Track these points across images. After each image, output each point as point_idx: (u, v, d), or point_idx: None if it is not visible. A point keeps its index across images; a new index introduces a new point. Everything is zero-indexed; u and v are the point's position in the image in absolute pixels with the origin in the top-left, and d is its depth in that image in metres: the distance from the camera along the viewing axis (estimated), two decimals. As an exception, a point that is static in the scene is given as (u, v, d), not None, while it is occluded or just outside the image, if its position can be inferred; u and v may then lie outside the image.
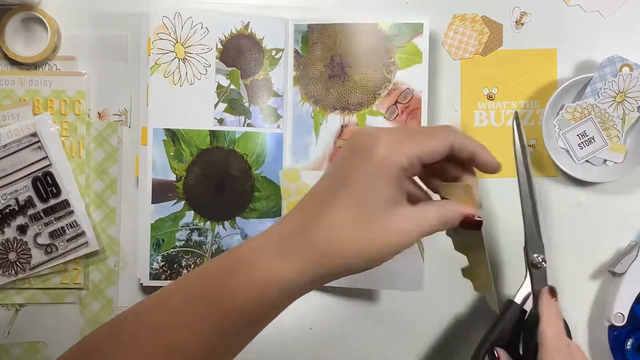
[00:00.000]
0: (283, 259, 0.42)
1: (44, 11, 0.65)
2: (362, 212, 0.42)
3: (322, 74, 0.65)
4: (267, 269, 0.42)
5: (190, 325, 0.42)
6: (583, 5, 0.66)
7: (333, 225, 0.42)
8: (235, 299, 0.42)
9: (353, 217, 0.42)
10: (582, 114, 0.64)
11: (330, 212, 0.42)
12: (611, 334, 0.63)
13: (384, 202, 0.42)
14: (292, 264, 0.42)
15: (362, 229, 0.42)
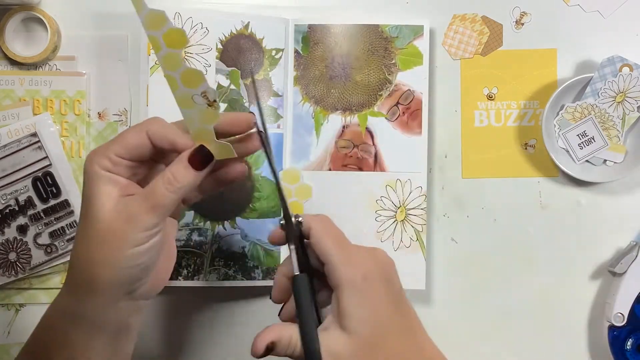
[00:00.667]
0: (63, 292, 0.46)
1: (44, 11, 0.65)
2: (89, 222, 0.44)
3: (323, 75, 0.65)
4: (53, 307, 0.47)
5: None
6: (583, 5, 0.67)
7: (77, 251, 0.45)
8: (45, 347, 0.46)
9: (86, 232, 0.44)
10: (582, 114, 0.64)
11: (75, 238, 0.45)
12: (611, 334, 0.63)
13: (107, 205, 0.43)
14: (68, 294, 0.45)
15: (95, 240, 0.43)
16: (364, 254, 0.46)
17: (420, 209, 0.65)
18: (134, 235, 0.43)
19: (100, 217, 0.43)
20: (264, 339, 0.45)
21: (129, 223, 0.43)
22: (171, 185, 0.44)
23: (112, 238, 0.43)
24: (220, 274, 0.64)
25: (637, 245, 0.63)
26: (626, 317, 0.62)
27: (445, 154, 0.67)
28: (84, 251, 0.44)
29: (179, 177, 0.44)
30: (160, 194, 0.43)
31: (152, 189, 0.44)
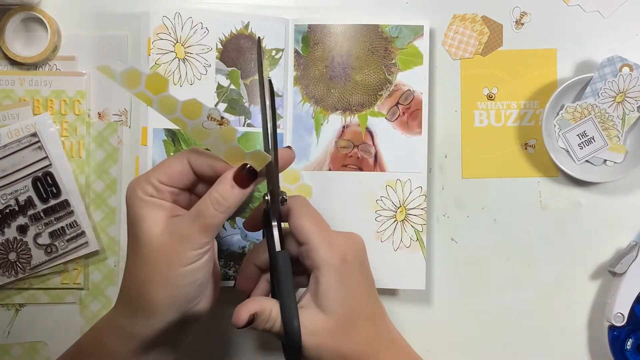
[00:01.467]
0: (117, 310, 0.48)
1: (44, 11, 0.65)
2: (139, 245, 0.45)
3: (323, 75, 0.65)
4: (107, 324, 0.48)
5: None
6: (583, 5, 0.67)
7: (130, 273, 0.47)
8: None
9: (136, 255, 0.45)
10: (582, 114, 0.64)
11: (127, 260, 0.47)
12: (611, 334, 0.63)
13: (156, 229, 0.45)
14: (120, 313, 0.47)
15: (146, 262, 0.45)
16: (342, 237, 0.48)
17: (420, 209, 0.65)
18: (186, 254, 0.44)
19: (150, 239, 0.44)
20: (248, 309, 0.45)
21: (182, 243, 0.44)
22: (220, 205, 0.44)
23: (165, 258, 0.44)
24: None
25: (637, 245, 0.63)
26: (626, 317, 0.62)
27: (445, 154, 0.67)
28: (137, 273, 0.45)
29: (226, 196, 0.45)
30: (210, 215, 0.44)
31: (201, 210, 0.44)
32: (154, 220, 0.45)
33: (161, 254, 0.44)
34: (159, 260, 0.44)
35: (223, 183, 0.45)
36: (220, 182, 0.45)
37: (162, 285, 0.44)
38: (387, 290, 0.66)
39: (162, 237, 0.44)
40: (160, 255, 0.44)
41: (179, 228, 0.44)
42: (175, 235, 0.44)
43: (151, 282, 0.44)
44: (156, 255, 0.44)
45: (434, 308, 0.67)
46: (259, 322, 0.46)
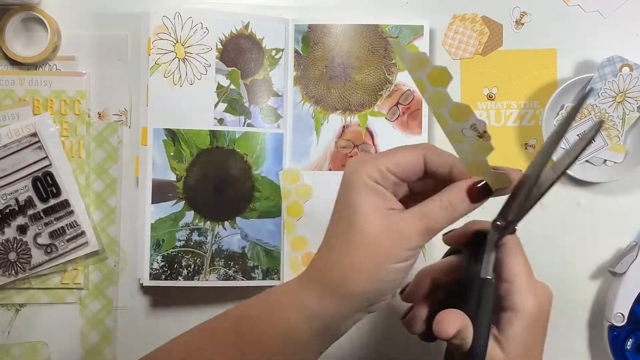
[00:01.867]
0: (303, 289, 0.45)
1: (44, 11, 0.65)
2: (355, 232, 0.43)
3: (323, 74, 0.65)
4: (288, 299, 0.45)
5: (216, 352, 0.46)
6: (583, 5, 0.67)
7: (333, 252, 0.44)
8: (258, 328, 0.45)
9: (346, 239, 0.44)
10: (582, 114, 0.64)
11: (330, 242, 0.45)
12: (611, 334, 0.63)
13: (375, 217, 0.43)
14: (310, 292, 0.44)
15: (357, 248, 0.43)
16: (541, 286, 0.47)
17: (420, 209, 0.65)
18: (401, 252, 0.43)
19: (367, 228, 0.43)
20: (454, 323, 0.44)
21: (400, 240, 0.43)
22: (448, 212, 0.43)
23: (378, 250, 0.43)
24: (220, 274, 0.64)
25: (637, 245, 0.63)
26: (626, 317, 0.62)
27: (445, 154, 0.67)
28: (344, 258, 0.43)
29: (457, 205, 0.44)
30: (436, 219, 0.43)
31: (429, 211, 0.43)
32: (375, 209, 0.43)
33: (376, 246, 0.43)
34: (373, 251, 0.43)
35: (456, 191, 0.44)
36: (453, 189, 0.44)
37: (369, 275, 0.43)
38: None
39: (380, 228, 0.43)
40: (375, 246, 0.43)
41: (400, 224, 0.43)
42: (395, 230, 0.43)
43: (360, 270, 0.43)
44: (371, 246, 0.43)
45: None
46: (457, 337, 0.45)
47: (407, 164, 0.44)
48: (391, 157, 0.44)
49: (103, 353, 0.66)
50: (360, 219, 0.43)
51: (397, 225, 0.43)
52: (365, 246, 0.43)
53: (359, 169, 0.44)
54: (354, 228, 0.43)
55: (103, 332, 0.66)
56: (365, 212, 0.43)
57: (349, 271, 0.43)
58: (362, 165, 0.44)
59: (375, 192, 0.44)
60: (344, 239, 0.44)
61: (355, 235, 0.43)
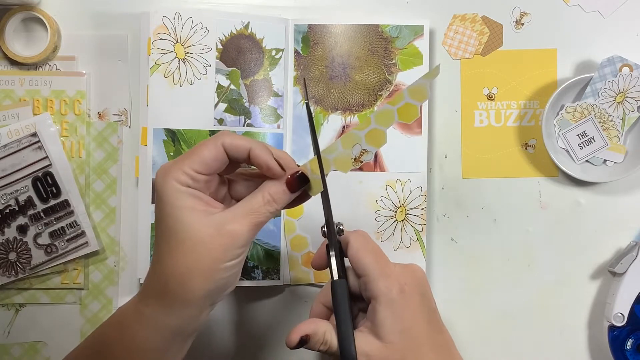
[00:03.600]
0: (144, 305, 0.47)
1: (44, 11, 0.65)
2: (181, 241, 0.44)
3: (323, 74, 0.65)
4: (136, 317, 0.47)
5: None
6: (583, 5, 0.67)
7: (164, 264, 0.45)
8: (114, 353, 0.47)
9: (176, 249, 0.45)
10: (582, 114, 0.64)
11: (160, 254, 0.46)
12: (611, 334, 0.63)
13: (193, 221, 0.44)
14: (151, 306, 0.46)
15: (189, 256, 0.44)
16: (400, 268, 0.48)
17: (420, 209, 0.65)
18: (232, 251, 0.45)
19: (192, 233, 0.44)
20: (299, 331, 0.46)
21: (230, 239, 0.44)
22: (271, 205, 0.46)
23: (210, 253, 0.44)
24: (220, 274, 0.64)
25: (637, 245, 0.63)
26: (626, 317, 0.62)
27: (445, 154, 0.67)
28: (176, 265, 0.45)
29: (278, 198, 0.46)
30: (262, 213, 0.46)
31: (253, 207, 0.46)
32: (194, 213, 0.45)
33: (207, 250, 0.44)
34: (203, 253, 0.44)
35: (277, 185, 0.47)
36: (274, 183, 0.47)
37: (206, 277, 0.44)
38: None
39: (207, 231, 0.44)
40: (206, 250, 0.44)
41: (227, 225, 0.45)
42: (223, 231, 0.44)
43: (194, 274, 0.44)
44: (200, 249, 0.44)
45: (434, 308, 0.67)
46: (312, 343, 0.46)
47: (210, 158, 0.46)
48: (194, 157, 0.45)
49: (103, 353, 0.66)
50: (184, 227, 0.44)
51: (224, 227, 0.44)
52: (196, 252, 0.44)
53: (167, 176, 0.45)
54: (180, 236, 0.44)
55: (103, 332, 0.66)
56: (187, 219, 0.44)
57: (185, 278, 0.44)
58: (168, 173, 0.45)
59: (190, 196, 0.45)
60: (173, 249, 0.45)
61: (182, 243, 0.44)
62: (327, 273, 0.49)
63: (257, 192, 0.47)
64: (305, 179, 0.47)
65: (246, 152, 0.46)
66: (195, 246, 0.44)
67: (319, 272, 0.65)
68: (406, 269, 0.48)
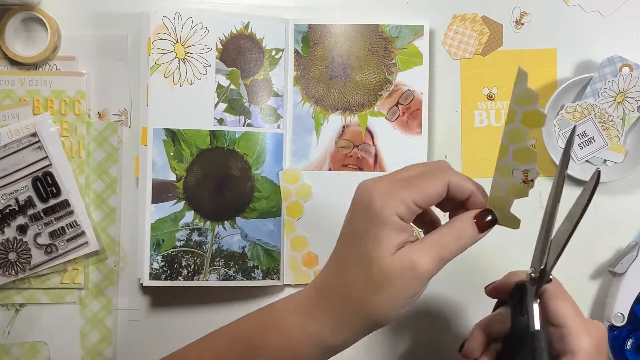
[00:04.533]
0: (314, 318, 0.44)
1: (44, 11, 0.65)
2: (373, 267, 0.43)
3: (323, 74, 0.65)
4: (299, 328, 0.45)
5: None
6: (583, 5, 0.67)
7: (348, 286, 0.44)
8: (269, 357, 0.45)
9: (365, 274, 0.43)
10: (582, 114, 0.64)
11: (344, 272, 0.44)
12: (611, 334, 0.63)
13: (391, 251, 0.43)
14: (322, 322, 0.44)
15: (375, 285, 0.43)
16: (595, 325, 0.47)
17: (420, 209, 0.65)
18: (414, 286, 0.43)
19: (385, 262, 0.43)
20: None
21: (413, 272, 0.42)
22: (458, 241, 0.44)
23: (393, 286, 0.43)
24: (220, 274, 0.64)
25: (637, 245, 0.63)
26: (626, 317, 0.62)
27: (445, 154, 0.67)
28: (361, 291, 0.43)
29: (465, 234, 0.44)
30: (449, 248, 0.44)
31: (441, 242, 0.44)
32: (394, 244, 0.43)
33: (388, 280, 0.43)
34: (385, 285, 0.43)
35: (465, 221, 0.45)
36: (463, 219, 0.45)
37: (386, 310, 0.43)
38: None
39: (394, 262, 0.43)
40: (387, 281, 0.43)
41: (414, 256, 0.43)
42: (407, 262, 0.42)
43: (378, 305, 0.43)
44: (383, 280, 0.43)
45: (434, 308, 0.66)
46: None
47: (433, 195, 0.44)
48: (418, 190, 0.43)
49: (103, 353, 0.66)
50: (382, 256, 0.43)
51: (412, 258, 0.43)
52: (380, 280, 0.43)
53: (386, 202, 0.43)
54: (374, 264, 0.43)
55: (103, 332, 0.66)
56: (388, 249, 0.43)
57: (365, 305, 0.43)
58: (388, 198, 0.43)
59: (402, 229, 0.43)
60: (361, 271, 0.43)
61: (373, 270, 0.43)
62: None
63: (445, 227, 0.45)
64: (495, 221, 0.46)
65: (467, 195, 0.45)
66: (380, 276, 0.42)
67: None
68: (599, 327, 0.47)
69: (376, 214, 0.43)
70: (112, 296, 0.66)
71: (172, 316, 0.66)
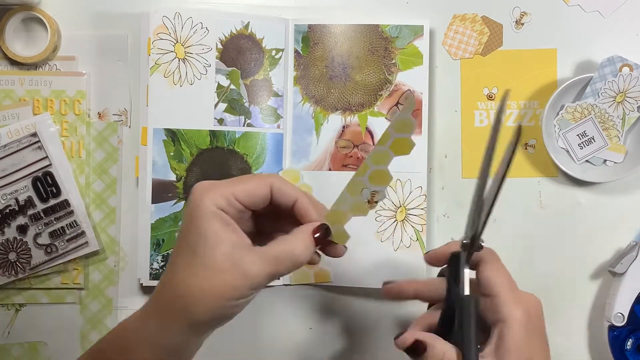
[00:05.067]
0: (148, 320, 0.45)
1: (44, 11, 0.65)
2: (198, 261, 0.43)
3: (323, 74, 0.65)
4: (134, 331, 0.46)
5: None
6: (583, 5, 0.67)
7: (174, 278, 0.44)
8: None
9: (190, 267, 0.44)
10: (582, 114, 0.64)
11: (173, 267, 0.45)
12: (611, 334, 0.63)
13: (216, 249, 0.43)
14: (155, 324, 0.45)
15: (200, 278, 0.43)
16: (526, 295, 0.47)
17: (420, 209, 0.65)
18: (244, 291, 0.44)
19: (214, 261, 0.43)
20: (416, 335, 0.46)
21: (245, 279, 0.43)
22: (293, 255, 0.45)
23: (223, 286, 0.43)
24: (220, 274, 0.64)
25: (637, 245, 0.63)
26: (626, 317, 0.62)
27: (445, 154, 0.67)
28: (188, 288, 0.44)
29: (300, 248, 0.45)
30: (282, 263, 0.44)
31: (275, 255, 0.44)
32: (221, 240, 0.43)
33: (219, 280, 0.43)
34: (215, 284, 0.43)
35: (302, 235, 0.46)
36: (299, 233, 0.46)
37: (213, 308, 0.43)
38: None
39: (225, 263, 0.43)
40: (218, 280, 0.43)
41: (248, 265, 0.43)
42: (241, 269, 0.43)
43: (200, 301, 0.43)
44: (214, 279, 0.43)
45: (434, 308, 0.67)
46: (428, 358, 0.45)
47: (254, 192, 0.45)
48: (239, 185, 0.45)
49: (103, 353, 0.66)
50: (207, 249, 0.44)
51: (244, 266, 0.43)
52: (210, 278, 0.43)
53: (205, 195, 0.44)
54: (199, 259, 0.44)
55: (103, 332, 0.66)
56: (213, 243, 0.44)
57: (191, 300, 0.44)
58: (208, 192, 0.44)
59: (221, 220, 0.44)
60: (188, 269, 0.44)
61: (199, 266, 0.43)
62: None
63: (282, 241, 0.45)
64: (329, 233, 0.47)
65: (292, 200, 0.46)
66: (211, 274, 0.43)
67: (320, 272, 0.65)
68: (531, 297, 0.48)
69: (197, 206, 0.44)
70: (112, 296, 0.66)
71: (172, 316, 0.66)
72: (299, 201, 0.46)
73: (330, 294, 0.66)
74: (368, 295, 0.66)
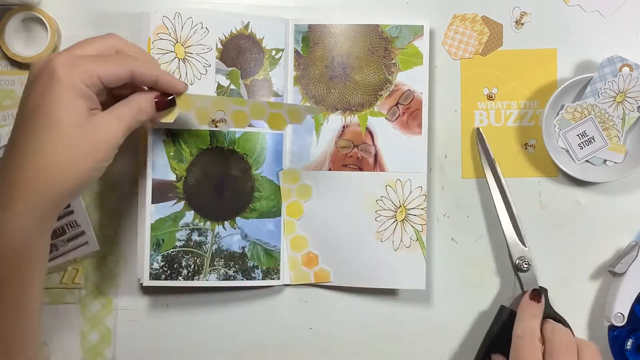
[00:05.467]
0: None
1: (44, 11, 0.65)
2: (62, 130, 0.45)
3: (323, 74, 0.65)
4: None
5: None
6: (583, 5, 0.67)
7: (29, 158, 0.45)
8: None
9: (49, 141, 0.45)
10: (582, 114, 0.64)
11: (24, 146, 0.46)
12: (611, 334, 0.63)
13: (80, 117, 0.46)
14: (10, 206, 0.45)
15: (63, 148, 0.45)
16: None
17: (420, 209, 0.65)
18: (103, 153, 0.47)
19: (70, 129, 0.46)
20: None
21: (104, 141, 0.47)
22: (141, 114, 0.51)
23: (80, 152, 0.46)
24: (220, 274, 0.64)
25: (637, 245, 0.63)
26: (626, 317, 0.62)
27: (445, 154, 0.67)
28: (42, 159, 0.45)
29: (146, 110, 0.52)
30: (133, 119, 0.51)
31: (125, 114, 0.50)
32: (78, 111, 0.46)
33: (78, 148, 0.46)
34: (74, 152, 0.46)
35: (147, 99, 0.52)
36: (146, 96, 0.52)
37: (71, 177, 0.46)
38: (387, 290, 0.66)
39: (80, 129, 0.46)
40: (77, 148, 0.46)
41: (102, 127, 0.47)
42: (98, 131, 0.47)
43: (61, 171, 0.45)
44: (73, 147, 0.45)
45: (434, 308, 0.67)
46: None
47: (116, 75, 0.49)
48: (101, 65, 0.48)
49: (103, 353, 0.66)
50: (63, 120, 0.45)
51: (99, 129, 0.47)
52: (66, 148, 0.45)
53: (73, 69, 0.46)
54: (55, 128, 0.45)
55: (103, 332, 0.66)
56: (71, 114, 0.46)
57: (47, 172, 0.45)
58: (72, 67, 0.46)
59: (84, 95, 0.47)
60: (42, 138, 0.45)
61: (55, 135, 0.45)
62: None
63: (128, 101, 0.51)
64: (173, 103, 0.54)
65: (153, 81, 0.52)
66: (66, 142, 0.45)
67: (320, 272, 0.65)
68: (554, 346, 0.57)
69: (61, 79, 0.46)
70: (112, 296, 0.66)
71: (172, 316, 0.66)
72: (160, 80, 0.52)
73: (330, 294, 0.66)
74: (368, 295, 0.66)
